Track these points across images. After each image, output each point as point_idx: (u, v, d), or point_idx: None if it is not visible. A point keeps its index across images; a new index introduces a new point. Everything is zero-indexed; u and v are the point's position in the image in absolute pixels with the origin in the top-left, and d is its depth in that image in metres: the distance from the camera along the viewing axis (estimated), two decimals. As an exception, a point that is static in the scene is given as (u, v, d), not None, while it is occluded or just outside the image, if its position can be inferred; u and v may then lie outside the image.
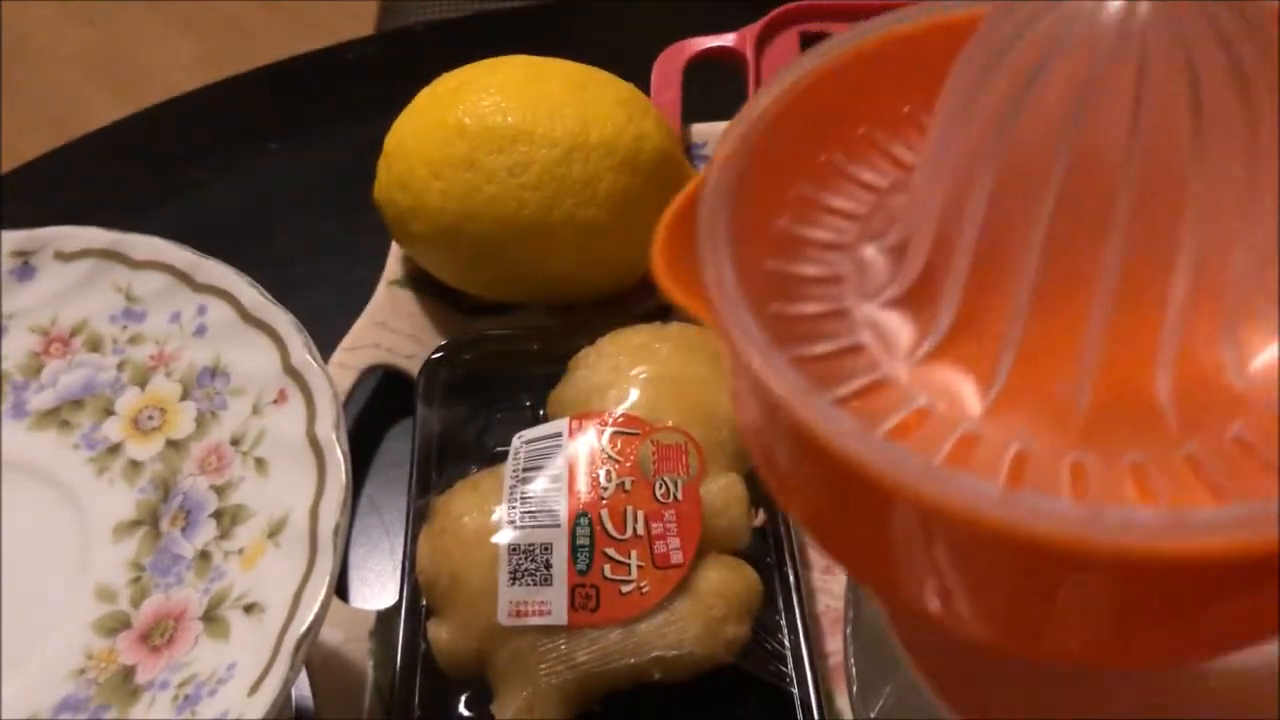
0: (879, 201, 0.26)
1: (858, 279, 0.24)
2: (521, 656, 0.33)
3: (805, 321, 0.23)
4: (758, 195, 0.24)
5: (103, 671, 0.29)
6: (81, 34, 1.40)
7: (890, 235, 0.24)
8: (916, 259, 0.23)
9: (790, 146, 0.25)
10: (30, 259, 0.35)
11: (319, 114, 0.58)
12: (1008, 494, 0.18)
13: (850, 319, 0.24)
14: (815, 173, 0.26)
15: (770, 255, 0.24)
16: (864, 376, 0.22)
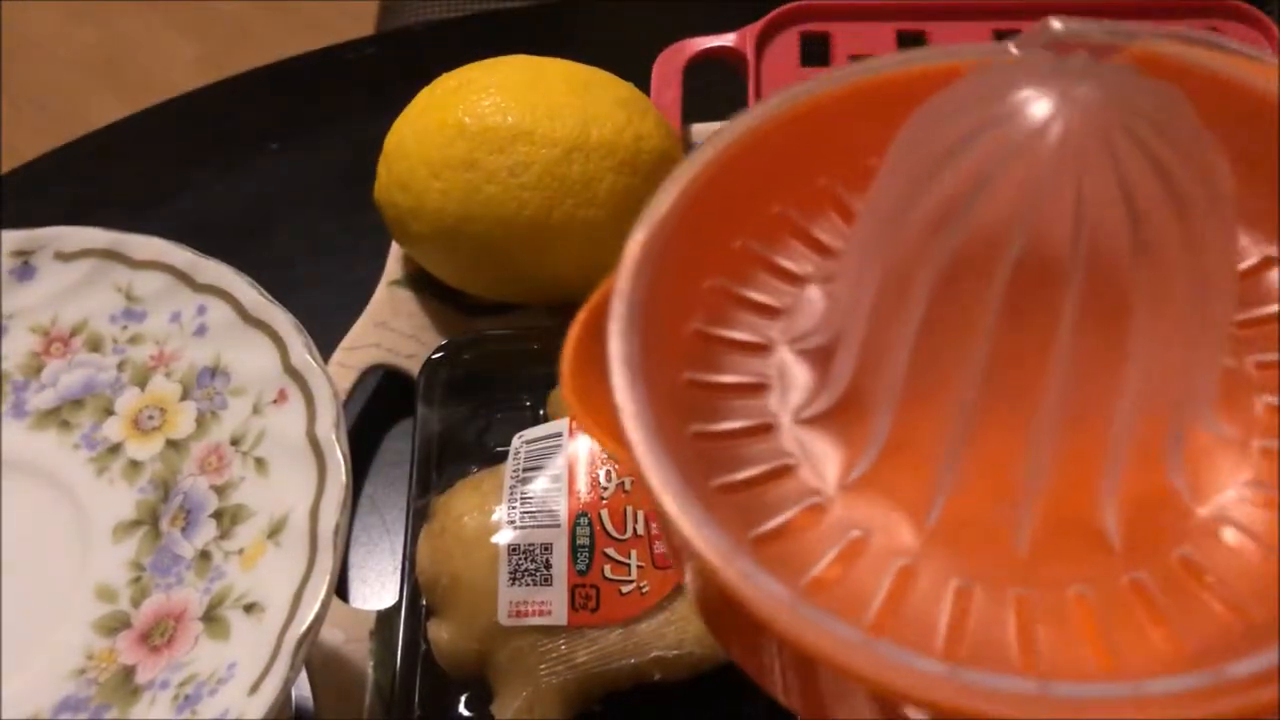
0: (799, 294, 0.25)
1: (782, 387, 0.23)
2: (521, 656, 0.33)
3: (730, 440, 0.22)
4: (669, 295, 0.23)
5: (103, 671, 0.29)
6: (82, 34, 1.40)
7: (814, 336, 0.23)
8: (844, 369, 0.22)
9: (701, 235, 0.24)
10: (30, 259, 0.35)
11: (319, 114, 0.58)
12: (954, 681, 0.17)
13: (777, 435, 0.23)
14: (729, 262, 0.25)
15: (687, 365, 0.23)
16: (795, 505, 0.21)
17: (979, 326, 0.18)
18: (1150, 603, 0.20)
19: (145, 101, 0.59)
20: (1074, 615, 0.20)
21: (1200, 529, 0.21)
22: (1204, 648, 0.19)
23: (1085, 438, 0.20)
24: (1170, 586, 0.20)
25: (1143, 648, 0.19)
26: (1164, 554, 0.20)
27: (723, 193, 0.24)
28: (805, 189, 0.25)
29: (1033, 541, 0.20)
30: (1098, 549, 0.20)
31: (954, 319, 0.19)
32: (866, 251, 0.21)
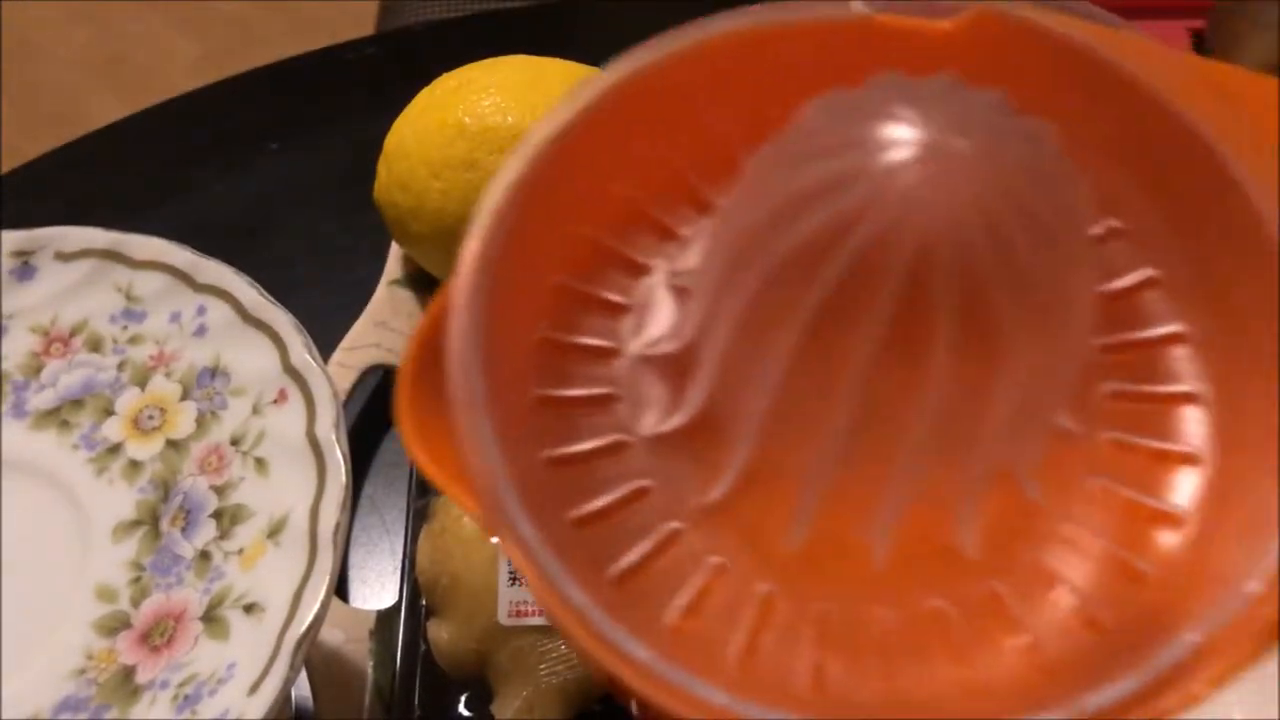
0: (647, 287, 0.24)
1: (632, 397, 0.23)
2: (521, 656, 0.33)
3: (582, 465, 0.22)
4: (512, 302, 0.22)
5: (103, 671, 0.29)
6: (82, 34, 1.40)
7: (665, 342, 0.23)
8: (700, 388, 0.22)
9: (542, 227, 0.22)
10: (30, 259, 0.35)
11: (319, 114, 0.58)
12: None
13: (630, 454, 0.22)
14: (573, 254, 0.24)
15: (535, 380, 0.22)
16: (653, 535, 0.21)
17: (851, 361, 0.19)
18: (1005, 613, 0.20)
19: (145, 101, 0.59)
20: (932, 630, 0.20)
21: (1054, 534, 0.21)
22: (1058, 659, 0.20)
23: (946, 460, 0.20)
24: (1025, 595, 0.20)
25: (998, 661, 0.20)
26: (1019, 563, 0.21)
27: (561, 178, 0.23)
28: (648, 167, 0.24)
29: (890, 559, 0.21)
30: (954, 562, 0.21)
31: (825, 353, 0.19)
32: (726, 276, 0.20)
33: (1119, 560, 0.21)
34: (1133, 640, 0.19)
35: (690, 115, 0.24)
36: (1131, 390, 0.22)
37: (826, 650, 0.20)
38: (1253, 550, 0.18)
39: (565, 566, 0.19)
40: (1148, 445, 0.22)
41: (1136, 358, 0.23)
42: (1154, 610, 0.20)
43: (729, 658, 0.20)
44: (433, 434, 0.20)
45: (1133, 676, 0.17)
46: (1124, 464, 0.22)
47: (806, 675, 0.20)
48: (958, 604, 0.20)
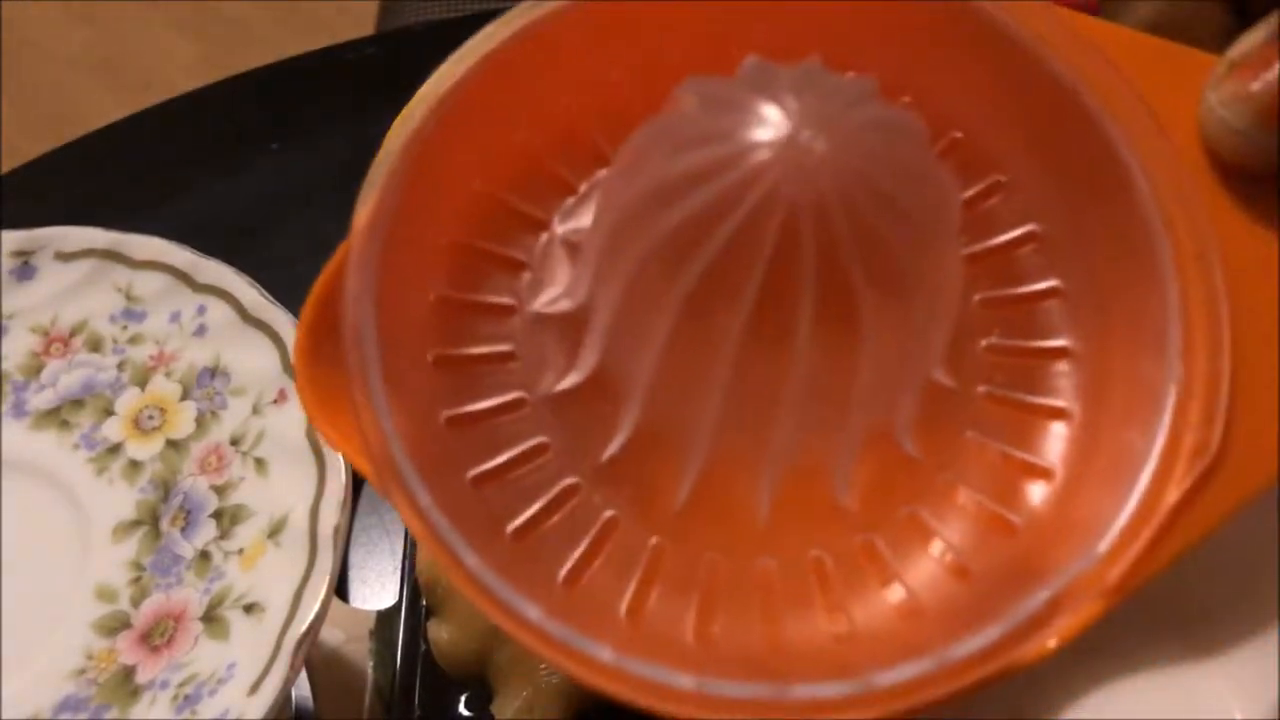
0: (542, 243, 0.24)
1: (529, 355, 0.23)
2: (521, 656, 0.33)
3: (481, 423, 0.22)
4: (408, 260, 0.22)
5: (103, 671, 0.29)
6: (81, 34, 1.40)
7: (560, 301, 0.23)
8: (592, 350, 0.22)
9: (436, 181, 0.23)
10: (30, 259, 0.35)
11: (319, 114, 0.58)
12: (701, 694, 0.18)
13: (527, 411, 0.23)
14: (471, 211, 0.24)
15: (433, 340, 0.23)
16: (551, 488, 0.22)
17: (728, 330, 0.20)
18: (880, 563, 0.22)
19: (145, 101, 0.59)
20: (812, 580, 0.21)
21: (930, 488, 0.22)
22: (929, 609, 0.21)
23: (820, 422, 0.21)
24: (900, 547, 0.22)
25: (873, 611, 0.21)
26: (895, 516, 0.22)
27: (458, 133, 0.23)
28: (546, 120, 0.24)
29: (773, 513, 0.22)
30: (834, 515, 0.22)
31: (702, 326, 0.20)
32: (610, 245, 0.21)
33: (990, 513, 0.22)
34: (997, 591, 0.20)
35: (588, 69, 0.24)
36: (1007, 344, 0.23)
37: (713, 601, 0.21)
38: (1108, 505, 0.20)
39: (458, 528, 0.19)
40: (1021, 399, 0.23)
41: (1014, 312, 0.23)
42: (1020, 561, 0.21)
43: (619, 610, 0.21)
44: (328, 395, 0.20)
45: (993, 627, 0.19)
46: (998, 417, 0.22)
47: (692, 626, 0.21)
48: (836, 556, 0.22)
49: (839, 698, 0.18)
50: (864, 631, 0.21)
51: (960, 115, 0.24)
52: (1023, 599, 0.19)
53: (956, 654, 0.18)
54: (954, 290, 0.22)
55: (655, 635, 0.21)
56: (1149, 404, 0.20)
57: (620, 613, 0.21)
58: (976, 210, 0.24)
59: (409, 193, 0.22)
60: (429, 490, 0.20)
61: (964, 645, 0.18)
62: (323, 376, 0.21)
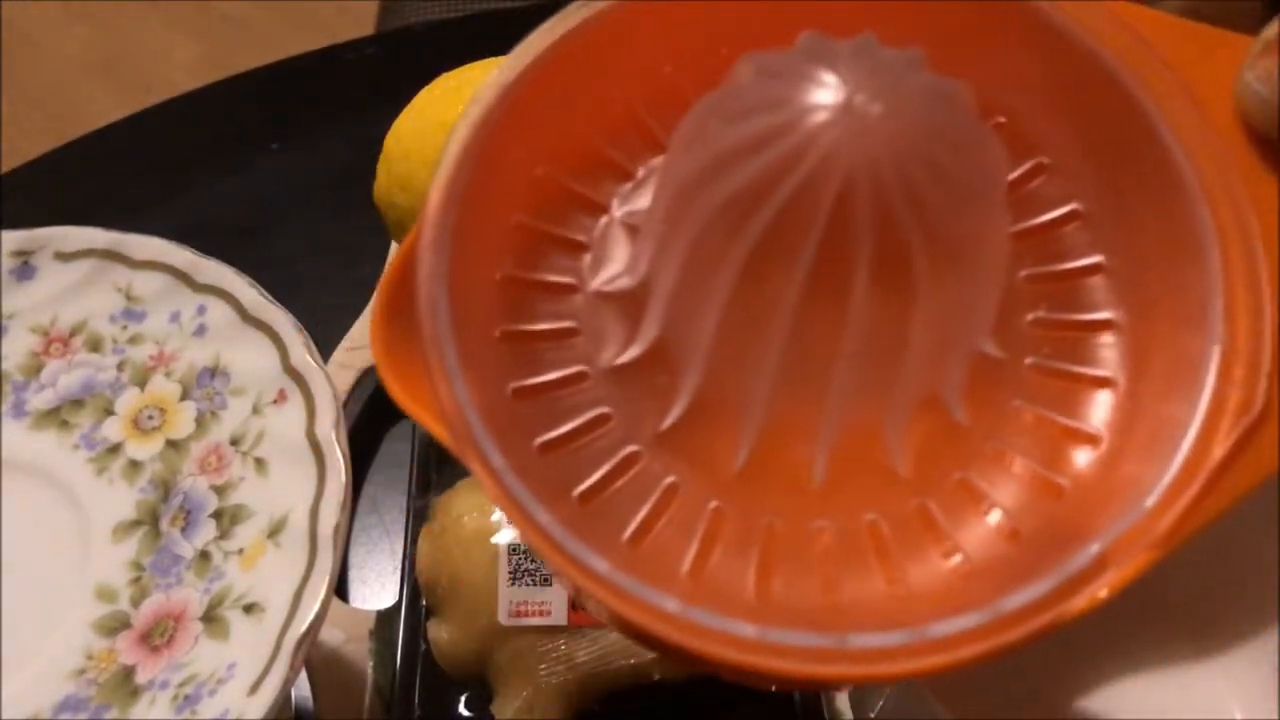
0: (602, 226, 0.25)
1: (591, 331, 0.24)
2: (521, 656, 0.33)
3: (545, 394, 0.23)
4: (476, 241, 0.23)
5: (103, 671, 0.29)
6: (81, 33, 1.40)
7: (621, 279, 0.24)
8: (653, 321, 0.23)
9: (502, 167, 0.24)
10: (30, 259, 0.35)
11: (319, 114, 0.58)
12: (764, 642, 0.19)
13: (590, 383, 0.24)
14: (534, 195, 0.25)
15: (500, 317, 0.24)
16: (613, 456, 0.23)
17: (783, 299, 0.20)
18: (933, 526, 0.22)
19: (145, 101, 0.59)
20: (867, 542, 0.22)
21: (980, 454, 0.23)
22: (981, 569, 0.21)
23: (874, 386, 0.22)
24: (952, 511, 0.22)
25: (928, 571, 0.22)
26: (947, 480, 0.23)
27: (521, 121, 0.24)
28: (605, 110, 0.25)
29: (829, 477, 0.22)
30: (888, 480, 0.23)
31: (759, 292, 0.21)
32: (669, 219, 0.22)
33: (1039, 477, 0.22)
34: (1048, 550, 0.20)
35: (644, 61, 0.25)
36: (1053, 319, 0.24)
37: (772, 561, 0.22)
38: (1153, 465, 0.20)
39: (530, 488, 0.20)
40: (1067, 369, 0.23)
41: (1059, 288, 0.24)
42: (1069, 522, 0.21)
43: (682, 569, 0.22)
44: (406, 368, 0.21)
45: (1045, 581, 0.19)
46: (1045, 387, 0.23)
47: (752, 585, 0.21)
48: (891, 518, 0.22)
49: (896, 646, 0.19)
50: (920, 590, 0.21)
51: (1002, 100, 0.24)
52: (1072, 554, 0.19)
53: (1010, 605, 0.19)
54: (1001, 255, 0.22)
55: (717, 592, 0.21)
56: (1192, 370, 0.21)
57: (683, 571, 0.22)
58: (1021, 191, 0.25)
59: (476, 177, 0.23)
60: (502, 454, 0.20)
61: (1017, 597, 0.19)
62: (398, 348, 0.22)
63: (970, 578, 0.21)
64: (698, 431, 0.23)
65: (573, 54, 0.24)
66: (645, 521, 0.22)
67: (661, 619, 0.19)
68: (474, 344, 0.22)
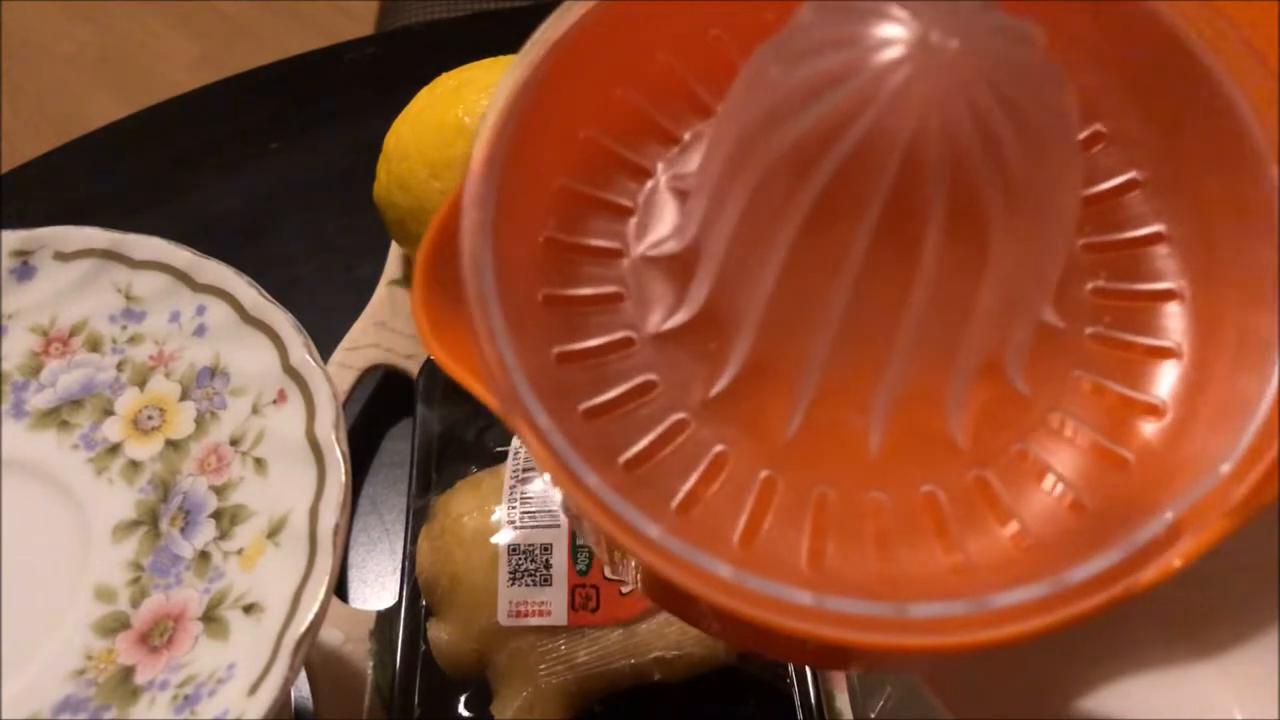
0: (648, 190, 0.24)
1: (637, 295, 0.23)
2: (521, 656, 0.33)
3: (592, 359, 0.23)
4: (519, 203, 0.22)
5: (102, 672, 0.29)
6: (81, 33, 1.40)
7: (668, 242, 0.23)
8: (703, 284, 0.22)
9: (545, 130, 0.23)
10: (30, 259, 0.35)
11: (319, 114, 0.58)
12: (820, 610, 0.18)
13: (637, 349, 0.23)
14: (576, 157, 0.24)
15: (543, 280, 0.23)
16: (660, 423, 0.22)
17: (847, 254, 0.19)
18: (993, 498, 0.21)
19: (145, 101, 0.59)
20: (924, 514, 0.21)
21: (1040, 424, 0.22)
22: (1044, 541, 0.21)
23: (937, 350, 0.21)
24: (1012, 482, 0.21)
25: (987, 544, 0.21)
26: (1006, 451, 0.22)
27: (565, 82, 0.23)
28: (650, 73, 0.25)
29: (885, 446, 0.22)
30: (945, 450, 0.22)
31: (822, 246, 0.20)
32: (725, 174, 0.21)
33: (1102, 449, 0.22)
34: (1114, 521, 0.19)
35: (691, 23, 0.24)
36: (1114, 288, 0.23)
37: (824, 532, 0.21)
38: (1225, 436, 0.20)
39: (578, 452, 0.19)
40: (1129, 340, 0.23)
41: (1119, 257, 0.23)
42: (1135, 494, 0.20)
43: (732, 538, 0.21)
44: (448, 330, 0.21)
45: (1113, 551, 0.19)
46: (1106, 358, 0.23)
47: (805, 555, 0.21)
48: (949, 490, 0.21)
49: (958, 617, 0.18)
50: (980, 562, 0.20)
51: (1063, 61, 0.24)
52: (1141, 525, 0.19)
53: (1076, 576, 0.18)
54: (1075, 206, 0.21)
55: (770, 560, 0.20)
56: (1262, 343, 0.20)
57: (734, 540, 0.21)
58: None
59: (519, 137, 0.22)
60: (549, 416, 0.20)
61: (1083, 568, 0.18)
62: (440, 311, 0.21)
63: (1033, 550, 0.20)
64: (748, 398, 0.22)
65: (617, 15, 0.23)
66: (694, 490, 0.21)
67: (716, 585, 0.18)
68: (518, 306, 0.21)
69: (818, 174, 0.19)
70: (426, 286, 0.21)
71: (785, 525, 0.21)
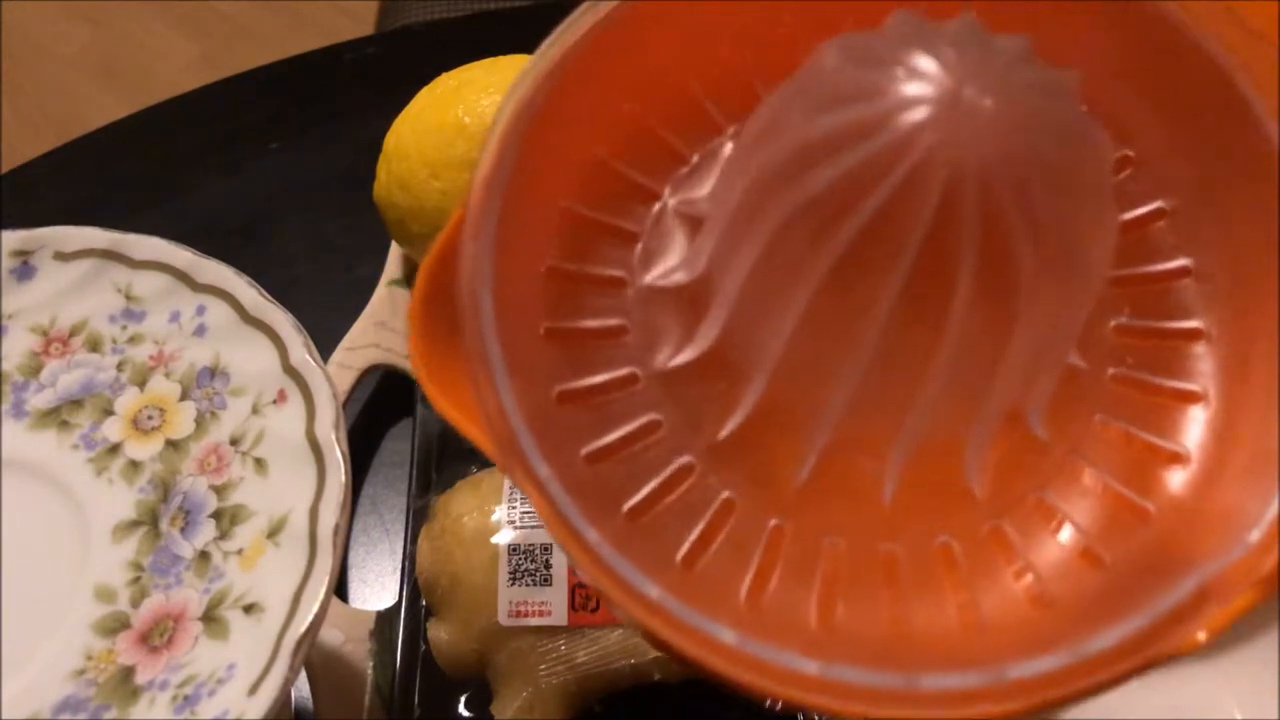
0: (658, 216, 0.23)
1: (642, 328, 0.22)
2: (521, 656, 0.33)
3: (593, 398, 0.22)
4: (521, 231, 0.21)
5: (102, 672, 0.29)
6: (81, 34, 1.40)
7: (675, 274, 0.23)
8: (713, 323, 0.21)
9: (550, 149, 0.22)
10: (30, 259, 0.35)
11: (319, 114, 0.58)
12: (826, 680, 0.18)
13: (641, 386, 0.22)
14: (580, 178, 0.23)
15: (545, 313, 0.22)
16: (665, 467, 0.21)
17: (875, 303, 0.19)
18: (1010, 550, 0.20)
19: (145, 101, 0.59)
20: (938, 566, 0.20)
21: (1059, 472, 0.21)
22: (1062, 597, 0.20)
23: (961, 400, 0.20)
24: (1028, 532, 0.21)
25: (1003, 600, 0.20)
26: (1024, 500, 0.21)
27: (570, 99, 0.22)
28: (658, 89, 0.24)
29: (899, 495, 0.21)
30: (961, 499, 0.21)
31: (847, 297, 0.19)
32: (742, 214, 0.20)
33: (1123, 499, 0.21)
34: (1135, 579, 0.18)
35: (699, 39, 0.23)
36: (1139, 325, 0.22)
37: (834, 586, 0.20)
38: (1255, 493, 0.18)
39: (578, 503, 0.19)
40: (1153, 382, 0.22)
41: (1144, 291, 0.22)
42: (1157, 549, 0.19)
43: (739, 594, 0.20)
44: (445, 370, 0.20)
45: (1135, 618, 0.17)
46: (1130, 401, 0.21)
47: (814, 612, 0.20)
48: (964, 542, 0.20)
49: (971, 689, 0.17)
50: (995, 622, 0.20)
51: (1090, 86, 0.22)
52: (1165, 589, 0.18)
53: (1096, 646, 0.17)
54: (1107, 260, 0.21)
55: (777, 619, 0.20)
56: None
57: (740, 596, 0.20)
58: None
59: (520, 161, 0.21)
60: (547, 464, 0.19)
61: (1104, 637, 0.17)
62: (437, 347, 0.20)
63: (1051, 608, 0.19)
64: (757, 442, 0.21)
65: (622, 32, 0.22)
66: (700, 540, 0.20)
67: (718, 652, 0.18)
68: (518, 342, 0.20)
69: (842, 231, 0.18)
70: (423, 322, 0.20)
71: (794, 580, 0.20)
